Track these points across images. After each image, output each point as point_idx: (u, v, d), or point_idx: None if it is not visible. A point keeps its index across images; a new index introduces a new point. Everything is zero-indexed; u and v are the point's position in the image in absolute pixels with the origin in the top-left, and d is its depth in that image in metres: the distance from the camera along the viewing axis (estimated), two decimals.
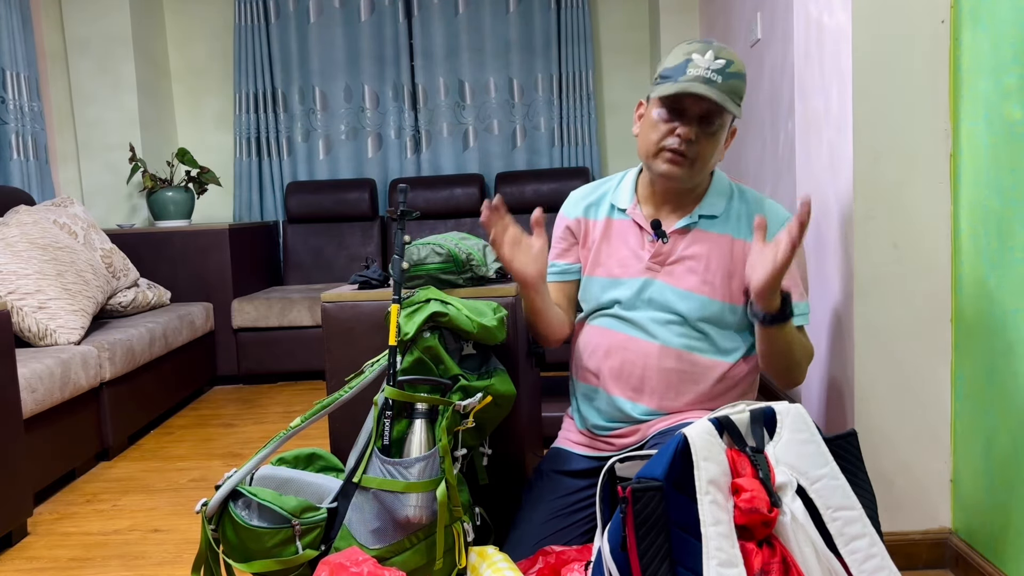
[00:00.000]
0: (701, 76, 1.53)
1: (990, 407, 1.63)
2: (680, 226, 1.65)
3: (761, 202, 1.68)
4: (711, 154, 1.59)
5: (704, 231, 1.65)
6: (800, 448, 1.32)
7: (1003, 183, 1.56)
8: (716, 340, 1.64)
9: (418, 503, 1.55)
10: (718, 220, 1.66)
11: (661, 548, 1.23)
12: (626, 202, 1.72)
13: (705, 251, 1.64)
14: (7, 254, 2.86)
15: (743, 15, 3.39)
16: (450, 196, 4.52)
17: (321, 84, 4.70)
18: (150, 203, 4.21)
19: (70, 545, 2.23)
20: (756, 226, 1.51)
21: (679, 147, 1.57)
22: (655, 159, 1.61)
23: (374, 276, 1.96)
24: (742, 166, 3.52)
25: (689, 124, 1.56)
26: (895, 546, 1.76)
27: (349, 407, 1.80)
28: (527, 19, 4.65)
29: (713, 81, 1.53)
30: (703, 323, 1.63)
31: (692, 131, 1.56)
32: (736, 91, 1.56)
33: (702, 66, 1.54)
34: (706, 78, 1.53)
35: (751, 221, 1.65)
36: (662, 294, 1.65)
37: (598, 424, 1.73)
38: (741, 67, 1.57)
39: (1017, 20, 1.49)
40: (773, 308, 1.52)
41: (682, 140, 1.57)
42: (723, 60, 1.56)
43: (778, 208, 1.68)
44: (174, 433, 3.30)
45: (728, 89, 1.54)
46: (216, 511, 1.58)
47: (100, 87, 4.32)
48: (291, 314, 3.98)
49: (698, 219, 1.65)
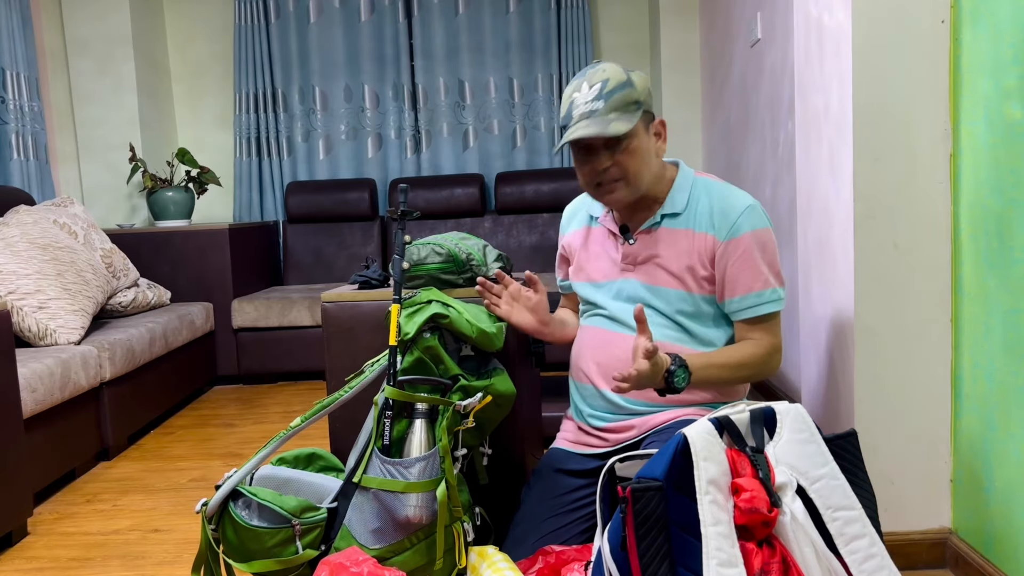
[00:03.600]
0: (584, 113, 1.60)
1: (990, 407, 1.63)
2: (644, 227, 1.71)
3: (723, 194, 1.69)
4: (638, 165, 1.63)
5: (668, 228, 1.70)
6: (800, 448, 1.32)
7: (1003, 183, 1.56)
8: (694, 331, 1.68)
9: (418, 503, 1.55)
10: (680, 216, 1.69)
11: (661, 548, 1.23)
12: (599, 211, 1.80)
13: (668, 247, 1.69)
14: (7, 254, 2.86)
15: (743, 15, 3.39)
16: (450, 196, 4.52)
17: (321, 84, 4.70)
18: (150, 203, 4.21)
19: (70, 545, 2.23)
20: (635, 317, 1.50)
21: (604, 177, 1.64)
22: (596, 197, 1.70)
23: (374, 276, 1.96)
24: (742, 166, 3.52)
25: (599, 156, 1.63)
26: (895, 546, 1.76)
27: (349, 407, 1.80)
28: (527, 19, 4.65)
29: (595, 111, 1.59)
30: (679, 315, 1.68)
31: (605, 160, 1.63)
32: (622, 102, 1.59)
33: (581, 102, 1.61)
34: (588, 112, 1.59)
35: (711, 213, 1.67)
36: (636, 292, 1.71)
37: (592, 414, 1.76)
38: (619, 78, 1.60)
39: (1017, 20, 1.49)
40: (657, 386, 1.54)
41: (600, 173, 1.64)
42: (598, 83, 1.60)
43: (738, 196, 1.67)
44: (174, 433, 3.30)
45: (612, 108, 1.59)
46: (216, 511, 1.58)
47: (100, 87, 4.32)
48: (291, 314, 3.98)
49: (660, 219, 1.70)
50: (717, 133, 4.01)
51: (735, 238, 1.63)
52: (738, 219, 1.64)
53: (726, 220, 1.64)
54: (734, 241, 1.63)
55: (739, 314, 1.66)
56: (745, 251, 1.63)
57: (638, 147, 1.63)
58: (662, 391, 1.56)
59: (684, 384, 1.54)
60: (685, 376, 1.54)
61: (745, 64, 3.39)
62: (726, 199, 1.67)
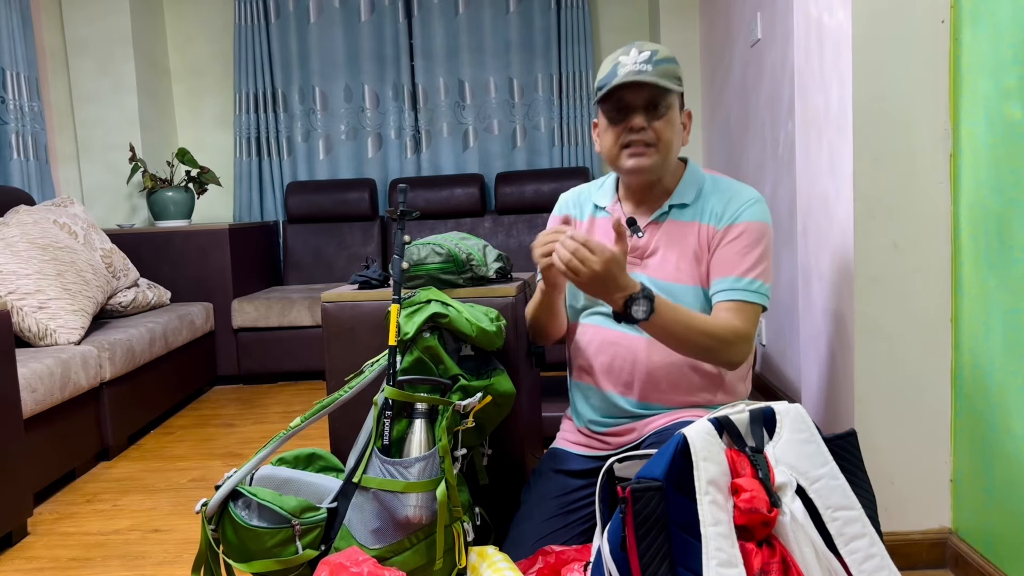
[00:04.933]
0: (631, 71, 1.59)
1: (990, 407, 1.63)
2: (653, 218, 1.69)
3: (732, 188, 1.69)
4: (671, 135, 1.62)
5: (675, 220, 1.68)
6: (800, 448, 1.32)
7: (1003, 183, 1.56)
8: None
9: (418, 503, 1.55)
10: (688, 208, 1.68)
11: (661, 548, 1.23)
12: (607, 200, 1.76)
13: (676, 240, 1.67)
14: (7, 254, 2.86)
15: (743, 15, 3.39)
16: (450, 196, 4.52)
17: (321, 84, 4.70)
18: (150, 203, 4.21)
19: (70, 545, 2.23)
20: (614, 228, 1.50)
21: (636, 137, 1.61)
22: (619, 159, 1.65)
23: (374, 276, 1.96)
24: (742, 166, 3.52)
25: (636, 115, 1.61)
26: (895, 546, 1.76)
27: (349, 407, 1.80)
28: (527, 19, 4.65)
29: (644, 71, 1.58)
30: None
31: (642, 119, 1.60)
32: (670, 73, 1.60)
33: (629, 64, 1.60)
34: (637, 71, 1.58)
35: (720, 208, 1.66)
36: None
37: (594, 420, 1.74)
38: (668, 52, 1.62)
39: (1017, 20, 1.49)
40: (615, 308, 1.50)
41: (635, 130, 1.61)
42: (648, 51, 1.61)
43: (745, 190, 1.67)
44: (174, 433, 3.30)
45: (661, 73, 1.59)
46: (216, 511, 1.58)
47: (100, 87, 4.32)
48: (291, 314, 3.98)
49: (668, 209, 1.68)
50: (717, 133, 4.01)
51: (733, 224, 1.63)
52: (740, 208, 1.64)
53: (728, 210, 1.65)
54: (731, 227, 1.63)
55: (717, 295, 1.62)
56: (738, 237, 1.63)
57: (674, 120, 1.63)
58: (618, 316, 1.51)
59: (643, 317, 1.48)
60: (648, 309, 1.48)
61: (745, 64, 3.39)
62: (734, 193, 1.67)
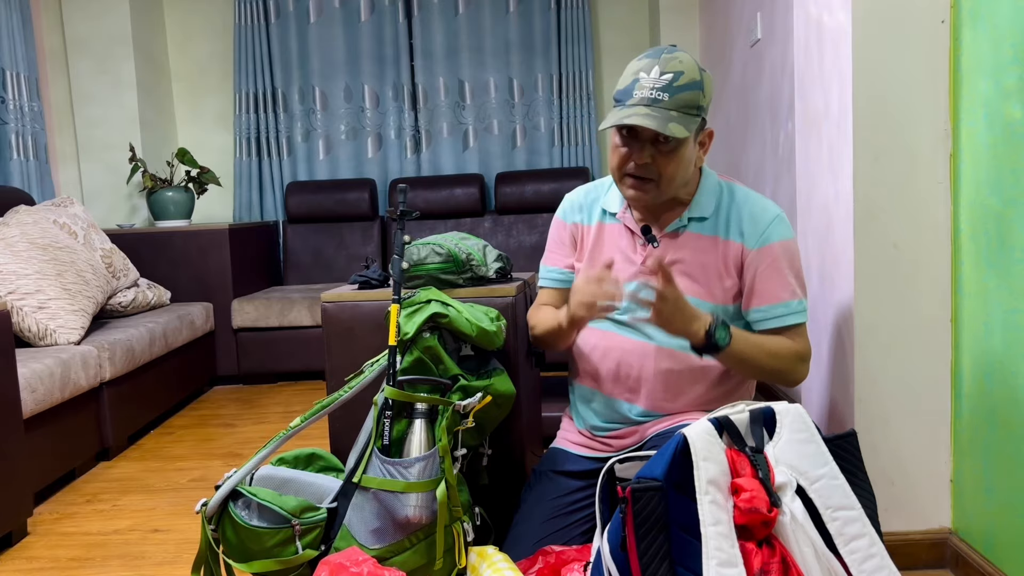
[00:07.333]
0: (646, 98, 1.51)
1: (990, 407, 1.63)
2: (670, 230, 1.65)
3: (751, 201, 1.65)
4: (675, 171, 1.56)
5: (694, 233, 1.64)
6: (800, 448, 1.32)
7: (1003, 183, 1.56)
8: None
9: (418, 503, 1.55)
10: (708, 221, 1.64)
11: (661, 548, 1.23)
12: (616, 206, 1.72)
13: (695, 254, 1.64)
14: (7, 254, 2.86)
15: (743, 15, 3.39)
16: (450, 196, 4.52)
17: (321, 84, 4.69)
18: (150, 203, 4.21)
19: (70, 545, 2.23)
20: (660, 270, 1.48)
21: (636, 172, 1.56)
22: (621, 184, 1.62)
23: (374, 276, 1.96)
24: (742, 166, 3.52)
25: (643, 148, 1.55)
26: (895, 546, 1.76)
27: (349, 407, 1.80)
28: (527, 19, 4.64)
29: (659, 100, 1.51)
30: None
31: (646, 155, 1.54)
32: (687, 104, 1.52)
33: (647, 85, 1.52)
34: (651, 99, 1.51)
35: (740, 221, 1.63)
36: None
37: (596, 425, 1.73)
38: (693, 75, 1.53)
39: (1017, 20, 1.49)
40: (696, 341, 1.52)
41: (637, 166, 1.56)
42: (670, 74, 1.52)
43: (766, 205, 1.64)
44: (174, 433, 3.30)
45: (676, 105, 1.51)
46: (216, 511, 1.58)
47: (100, 87, 4.32)
48: (291, 314, 3.98)
49: (688, 222, 1.65)
50: (717, 133, 4.00)
51: (764, 247, 1.60)
52: (767, 228, 1.61)
53: (756, 229, 1.61)
54: (763, 250, 1.60)
55: (763, 323, 1.62)
56: (774, 261, 1.60)
57: (683, 154, 1.56)
58: (700, 349, 1.52)
59: (725, 342, 1.51)
60: (726, 335, 1.51)
61: (745, 64, 3.39)
62: (755, 207, 1.63)
